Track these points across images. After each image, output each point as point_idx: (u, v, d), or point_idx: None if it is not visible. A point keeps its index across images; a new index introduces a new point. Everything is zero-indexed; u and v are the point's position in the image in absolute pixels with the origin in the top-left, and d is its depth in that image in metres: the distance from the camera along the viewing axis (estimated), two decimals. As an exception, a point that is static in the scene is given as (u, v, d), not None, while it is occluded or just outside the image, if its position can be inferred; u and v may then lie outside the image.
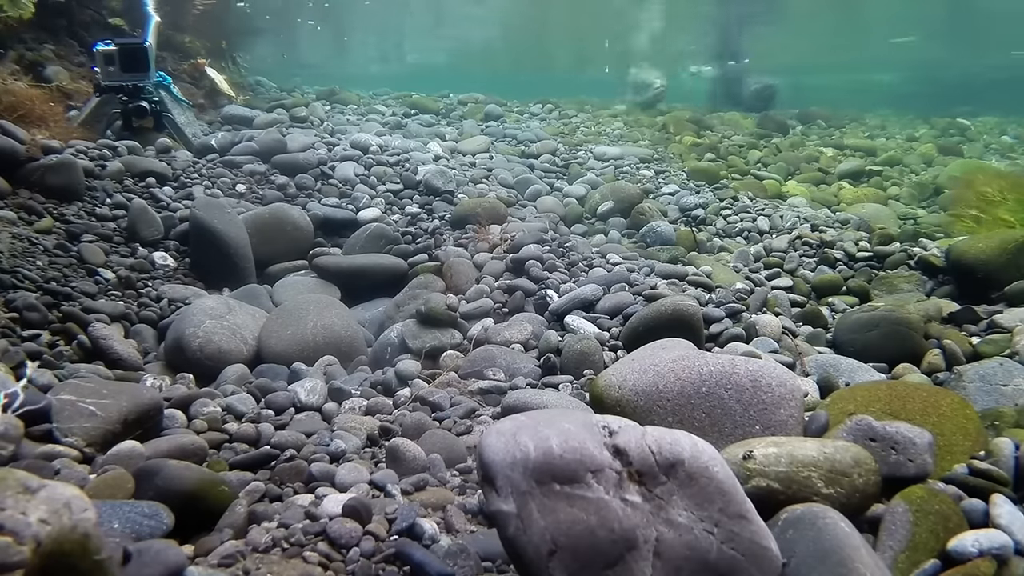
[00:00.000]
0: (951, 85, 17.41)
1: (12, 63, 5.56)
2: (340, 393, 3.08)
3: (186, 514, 1.86)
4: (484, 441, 1.57)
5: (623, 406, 2.38)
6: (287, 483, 2.24)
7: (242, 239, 4.48)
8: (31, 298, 3.22)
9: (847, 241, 4.78)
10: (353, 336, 3.77)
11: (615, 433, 1.57)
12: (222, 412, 2.74)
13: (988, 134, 10.64)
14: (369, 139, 6.35)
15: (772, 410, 2.23)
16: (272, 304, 4.19)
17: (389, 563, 1.80)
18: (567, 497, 1.47)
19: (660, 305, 3.28)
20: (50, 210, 4.11)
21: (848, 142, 9.12)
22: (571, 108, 10.17)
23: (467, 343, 3.65)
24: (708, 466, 1.52)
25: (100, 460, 2.13)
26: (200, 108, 7.04)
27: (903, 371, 3.17)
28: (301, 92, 9.45)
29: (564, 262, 4.38)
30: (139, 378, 3.09)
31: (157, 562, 1.53)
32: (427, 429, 2.63)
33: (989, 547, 1.69)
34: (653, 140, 8.08)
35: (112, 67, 5.26)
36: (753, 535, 1.50)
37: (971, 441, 2.20)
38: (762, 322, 3.56)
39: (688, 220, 5.70)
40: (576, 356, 3.22)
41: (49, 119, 4.80)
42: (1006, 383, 2.73)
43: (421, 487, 2.25)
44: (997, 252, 3.86)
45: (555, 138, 7.82)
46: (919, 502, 1.84)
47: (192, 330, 3.40)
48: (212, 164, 5.54)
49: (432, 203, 5.39)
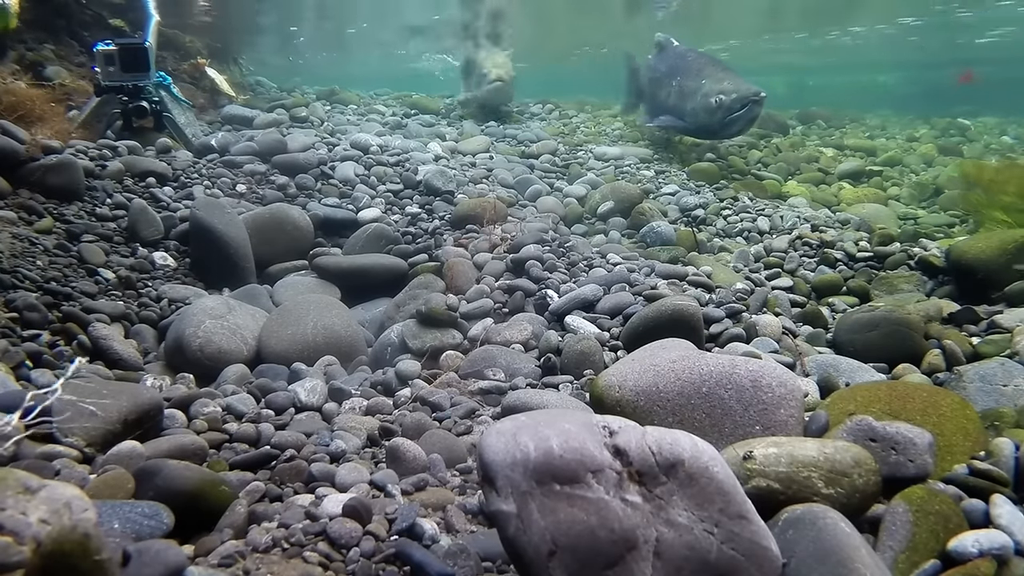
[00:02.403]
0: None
1: (12, 63, 5.56)
2: (340, 393, 3.08)
3: (186, 514, 1.86)
4: (484, 441, 1.57)
5: (623, 406, 2.38)
6: (287, 483, 2.24)
7: (242, 239, 4.48)
8: (31, 298, 3.22)
9: (847, 241, 4.78)
10: (353, 336, 3.77)
11: (615, 433, 1.57)
12: (222, 412, 2.74)
13: (988, 134, 10.64)
14: (369, 139, 6.35)
15: (772, 410, 2.23)
16: (272, 304, 4.19)
17: (389, 563, 1.80)
18: (567, 497, 1.47)
19: (660, 305, 3.28)
20: (50, 210, 4.11)
21: (848, 142, 9.12)
22: (571, 108, 10.17)
23: (467, 343, 3.65)
24: (708, 466, 1.52)
25: (100, 460, 2.13)
26: (200, 108, 7.04)
27: (903, 371, 3.16)
28: (301, 92, 9.44)
29: (564, 262, 4.38)
30: (139, 378, 3.09)
31: (157, 562, 1.53)
32: (427, 429, 2.63)
33: (989, 547, 1.69)
34: (653, 140, 8.08)
35: (112, 67, 5.26)
36: (753, 535, 1.50)
37: (971, 441, 2.20)
38: (762, 322, 3.56)
39: (688, 220, 5.70)
40: (576, 356, 3.22)
41: (49, 119, 4.80)
42: (1006, 383, 2.73)
43: (421, 487, 2.25)
44: (997, 252, 3.86)
45: (555, 138, 7.82)
46: (919, 502, 1.84)
47: (192, 330, 3.40)
48: (212, 164, 5.54)
49: (432, 203, 5.39)
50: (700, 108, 6.89)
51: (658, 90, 7.82)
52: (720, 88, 6.71)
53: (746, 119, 6.67)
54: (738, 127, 6.80)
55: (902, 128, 10.97)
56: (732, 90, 6.64)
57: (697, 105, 6.93)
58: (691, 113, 7.05)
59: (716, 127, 6.85)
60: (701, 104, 6.87)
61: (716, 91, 6.71)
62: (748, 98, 6.53)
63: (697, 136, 7.64)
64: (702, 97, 6.87)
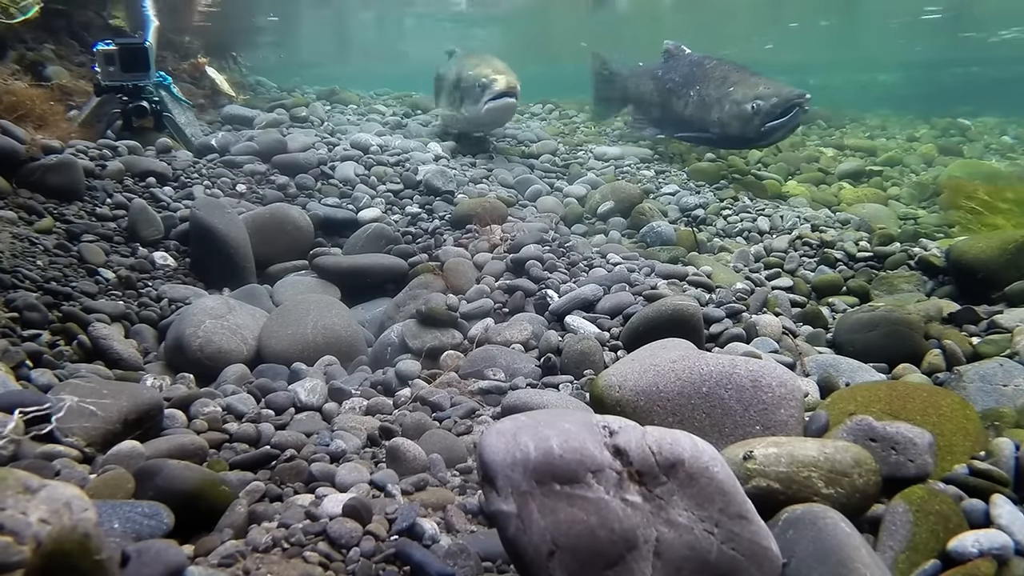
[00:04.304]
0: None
1: (12, 63, 5.56)
2: (340, 393, 3.08)
3: (186, 514, 1.86)
4: (484, 441, 1.57)
5: (623, 406, 2.38)
6: (287, 483, 2.24)
7: (242, 239, 4.48)
8: (31, 298, 3.22)
9: (847, 241, 4.78)
10: (353, 336, 3.77)
11: (615, 433, 1.57)
12: (222, 412, 2.74)
13: (988, 134, 10.64)
14: (369, 139, 6.34)
15: (772, 410, 2.23)
16: (272, 304, 4.19)
17: (389, 563, 1.80)
18: (567, 497, 1.47)
19: (660, 305, 3.28)
20: (50, 210, 4.11)
21: (848, 142, 9.11)
22: (571, 108, 10.16)
23: (467, 343, 3.65)
24: (708, 466, 1.52)
25: (100, 460, 2.13)
26: (200, 108, 7.04)
27: (903, 371, 3.16)
28: (301, 92, 9.44)
29: (564, 262, 4.38)
30: (139, 378, 3.09)
31: (157, 562, 1.53)
32: (427, 429, 2.64)
33: (989, 547, 1.70)
34: (654, 140, 8.08)
35: (112, 67, 5.26)
36: (753, 535, 1.50)
37: (971, 441, 2.20)
38: (762, 322, 3.56)
39: (688, 220, 5.70)
40: (576, 356, 3.22)
41: (49, 119, 4.80)
42: (1006, 383, 2.73)
43: (421, 487, 2.25)
44: (997, 252, 3.86)
45: (555, 138, 7.81)
46: (919, 502, 1.84)
47: (192, 330, 3.40)
48: (212, 164, 5.54)
49: (432, 203, 5.39)
50: (732, 116, 6.28)
51: (673, 100, 7.14)
52: (756, 93, 6.12)
53: (789, 126, 6.11)
54: (781, 134, 6.25)
55: (902, 128, 10.97)
56: (771, 94, 6.04)
57: (726, 114, 6.36)
58: (717, 123, 6.50)
59: (753, 136, 6.27)
60: (733, 112, 6.25)
61: (752, 96, 6.11)
62: (791, 101, 5.93)
63: (727, 147, 7.09)
64: (732, 105, 6.27)
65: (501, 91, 6.23)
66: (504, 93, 6.23)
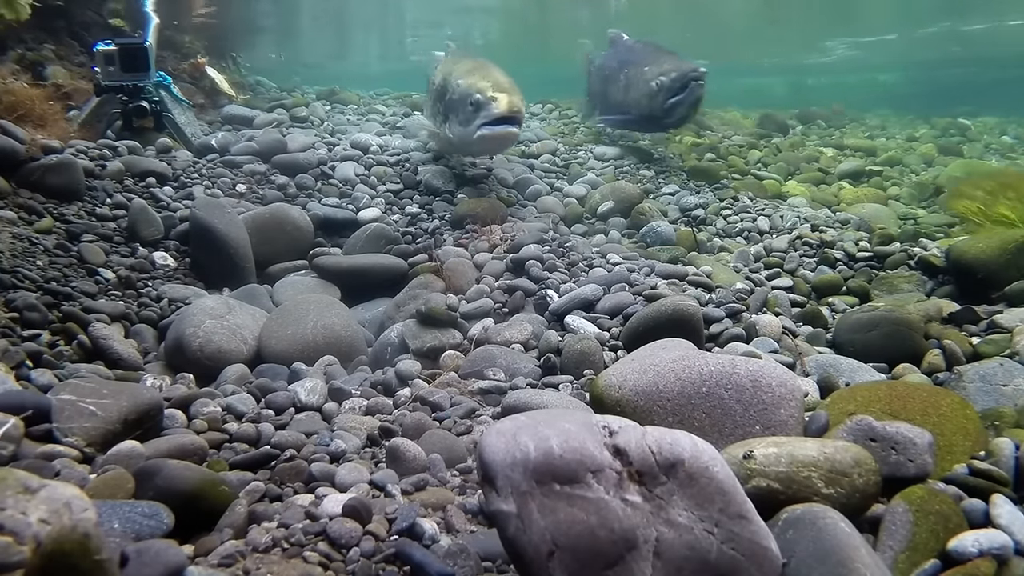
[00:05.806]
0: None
1: (12, 63, 5.56)
2: (340, 393, 3.08)
3: (186, 514, 1.86)
4: (484, 441, 1.57)
5: (623, 406, 2.38)
6: (287, 483, 2.24)
7: (242, 239, 4.48)
8: (31, 298, 3.22)
9: (847, 241, 4.78)
10: (353, 336, 3.77)
11: (615, 433, 1.57)
12: (222, 412, 2.74)
13: (988, 134, 10.64)
14: (369, 139, 6.34)
15: (772, 410, 2.23)
16: (272, 304, 4.19)
17: (389, 563, 1.80)
18: (567, 497, 1.47)
19: (660, 305, 3.28)
20: (50, 210, 4.11)
21: (848, 142, 9.11)
22: (571, 107, 10.16)
23: (467, 343, 3.65)
24: (708, 466, 1.52)
25: (100, 460, 2.13)
26: (200, 108, 7.04)
27: (903, 371, 3.16)
28: (301, 92, 9.44)
29: (564, 262, 4.38)
30: (139, 378, 3.09)
31: (157, 562, 1.53)
32: (427, 429, 2.63)
33: (989, 547, 1.70)
34: (653, 140, 8.08)
35: (112, 67, 5.26)
36: (753, 535, 1.50)
37: (971, 441, 2.20)
38: (762, 322, 3.56)
39: (688, 220, 5.70)
40: (576, 356, 3.22)
41: (49, 119, 4.80)
42: (1006, 383, 2.73)
43: (421, 487, 2.25)
44: (997, 252, 3.86)
45: (555, 138, 7.81)
46: (919, 502, 1.84)
47: (192, 330, 3.40)
48: (212, 164, 5.54)
49: (432, 203, 5.39)
50: (642, 95, 6.48)
51: (609, 87, 7.30)
52: (660, 70, 6.34)
53: (688, 102, 6.19)
54: (681, 112, 6.33)
55: (902, 128, 10.97)
56: (671, 70, 6.21)
57: (640, 94, 6.52)
58: (635, 103, 6.63)
59: (659, 113, 6.39)
60: (643, 91, 6.46)
61: (656, 74, 6.30)
62: (687, 76, 6.12)
63: (644, 130, 7.19)
64: (643, 84, 6.48)
65: (501, 115, 4.73)
66: (505, 119, 4.74)
